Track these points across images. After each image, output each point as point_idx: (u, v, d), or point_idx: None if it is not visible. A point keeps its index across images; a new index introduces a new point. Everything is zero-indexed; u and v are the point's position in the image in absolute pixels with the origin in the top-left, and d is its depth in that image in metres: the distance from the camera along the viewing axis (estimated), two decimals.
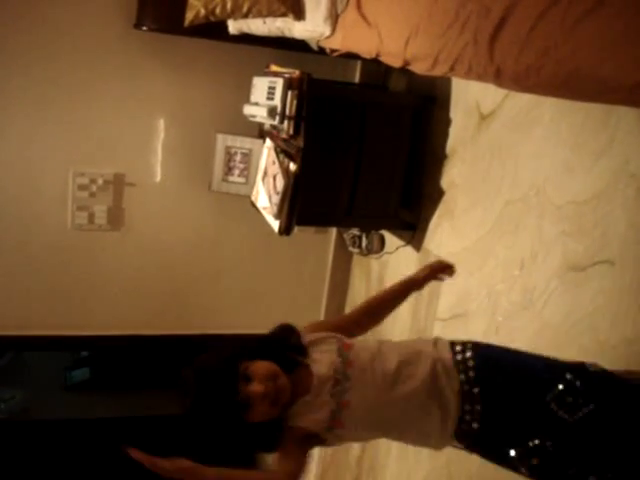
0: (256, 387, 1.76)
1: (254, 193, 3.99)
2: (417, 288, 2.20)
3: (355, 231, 4.34)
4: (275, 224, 3.68)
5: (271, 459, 1.99)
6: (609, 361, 2.49)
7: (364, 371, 1.85)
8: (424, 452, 3.75)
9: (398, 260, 4.14)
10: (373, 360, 1.87)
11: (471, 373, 1.86)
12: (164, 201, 4.33)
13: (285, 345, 1.92)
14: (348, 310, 4.84)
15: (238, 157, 4.17)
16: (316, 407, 1.82)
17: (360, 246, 4.34)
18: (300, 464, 1.83)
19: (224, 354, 1.88)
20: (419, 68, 2.64)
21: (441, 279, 2.25)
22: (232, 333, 4.75)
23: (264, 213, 3.83)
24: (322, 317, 4.89)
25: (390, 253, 4.20)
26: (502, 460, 1.88)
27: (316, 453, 5.33)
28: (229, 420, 1.80)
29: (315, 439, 1.85)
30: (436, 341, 1.97)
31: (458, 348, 1.92)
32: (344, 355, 1.87)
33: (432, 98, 3.72)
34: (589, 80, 1.75)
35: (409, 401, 1.85)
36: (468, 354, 1.90)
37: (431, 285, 3.69)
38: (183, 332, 4.67)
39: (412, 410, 1.86)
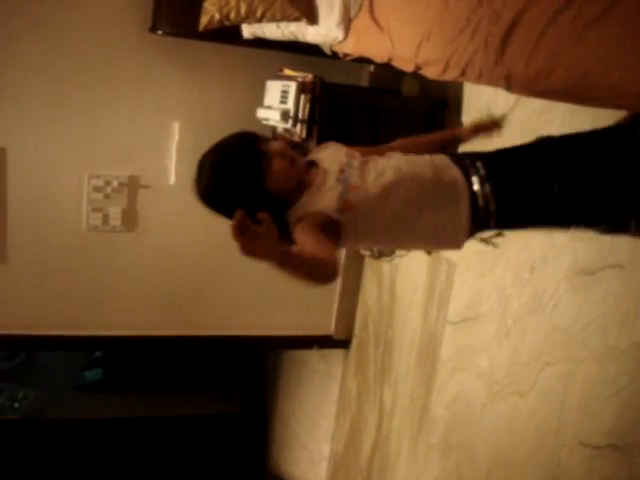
0: (276, 144, 1.95)
1: None
2: (460, 142, 2.27)
3: None
4: None
5: None
6: (617, 364, 2.51)
7: (370, 166, 1.96)
8: (434, 454, 3.77)
9: (409, 263, 4.16)
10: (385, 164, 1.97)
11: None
12: (178, 203, 4.35)
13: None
14: (360, 315, 4.87)
15: None
16: (324, 192, 1.89)
17: (372, 249, 4.36)
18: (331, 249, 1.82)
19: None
20: (430, 73, 2.67)
21: (489, 136, 2.27)
22: (245, 335, 4.79)
23: None
24: (333, 320, 4.92)
25: (402, 256, 4.22)
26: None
27: (327, 453, 5.36)
28: (252, 182, 1.89)
29: (333, 227, 1.85)
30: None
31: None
32: (350, 163, 1.97)
33: (444, 102, 3.74)
34: (597, 86, 1.77)
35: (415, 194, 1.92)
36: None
37: (442, 289, 3.75)
38: (195, 333, 4.70)
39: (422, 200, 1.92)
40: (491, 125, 2.25)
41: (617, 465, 2.53)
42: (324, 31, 3.36)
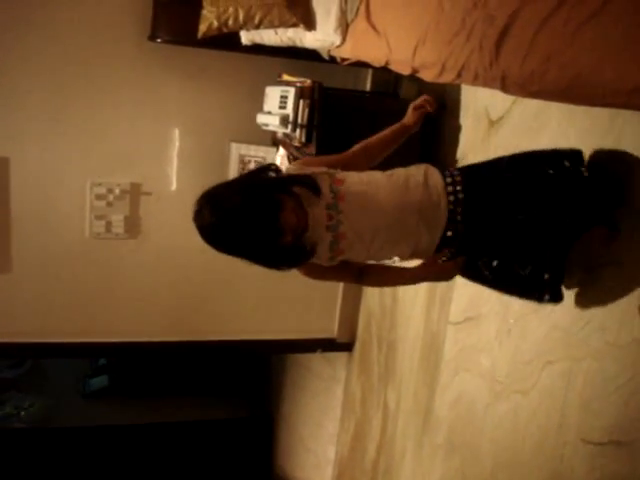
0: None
1: None
2: (412, 131, 2.33)
3: None
4: None
5: None
6: (617, 361, 2.52)
7: (355, 203, 2.00)
8: (439, 454, 3.78)
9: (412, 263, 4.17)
10: (364, 193, 2.02)
11: (459, 196, 2.11)
12: (180, 209, 4.37)
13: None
14: (362, 318, 4.89)
15: (252, 165, 4.23)
16: (318, 242, 1.98)
17: None
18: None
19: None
20: (427, 75, 2.69)
21: (431, 115, 2.36)
22: (248, 339, 4.80)
23: None
24: (336, 323, 4.94)
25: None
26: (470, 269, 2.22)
27: (333, 456, 5.38)
28: (266, 222, 1.87)
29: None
30: (427, 170, 2.15)
31: (449, 180, 2.13)
32: (335, 190, 1.99)
33: (442, 105, 3.76)
34: (590, 84, 1.79)
35: (400, 225, 2.05)
36: (457, 178, 2.14)
37: (443, 290, 3.76)
38: (199, 339, 4.72)
39: (403, 233, 2.07)
40: (424, 102, 2.31)
41: (620, 461, 2.54)
42: (321, 36, 3.38)
